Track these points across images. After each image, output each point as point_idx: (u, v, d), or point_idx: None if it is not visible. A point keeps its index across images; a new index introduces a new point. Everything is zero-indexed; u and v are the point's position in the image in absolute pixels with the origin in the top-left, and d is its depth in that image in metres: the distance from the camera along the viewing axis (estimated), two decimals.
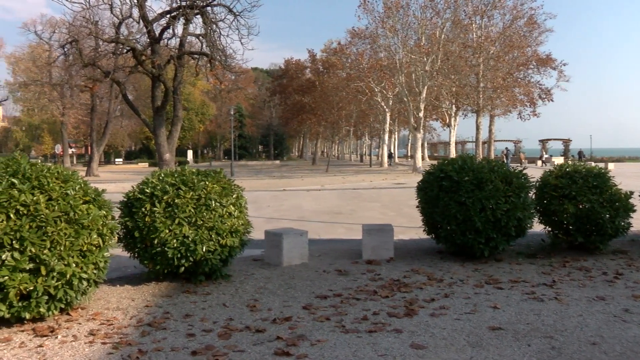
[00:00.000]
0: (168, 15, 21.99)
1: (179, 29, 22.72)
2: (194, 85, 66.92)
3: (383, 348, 3.97)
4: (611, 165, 38.55)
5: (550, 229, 8.00)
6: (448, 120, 44.74)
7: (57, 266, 4.35)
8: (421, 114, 38.63)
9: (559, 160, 45.11)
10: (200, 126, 70.36)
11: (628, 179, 24.43)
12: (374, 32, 40.39)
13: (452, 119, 44.36)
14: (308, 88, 55.13)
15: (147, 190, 5.78)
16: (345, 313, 4.86)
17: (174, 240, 5.56)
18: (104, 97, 43.55)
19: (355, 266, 7.00)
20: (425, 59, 36.47)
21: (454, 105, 43.36)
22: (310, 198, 18.92)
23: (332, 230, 11.09)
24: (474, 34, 39.57)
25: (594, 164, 8.32)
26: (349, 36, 46.46)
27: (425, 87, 37.55)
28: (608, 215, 7.36)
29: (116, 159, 71.45)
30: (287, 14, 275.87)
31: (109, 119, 43.28)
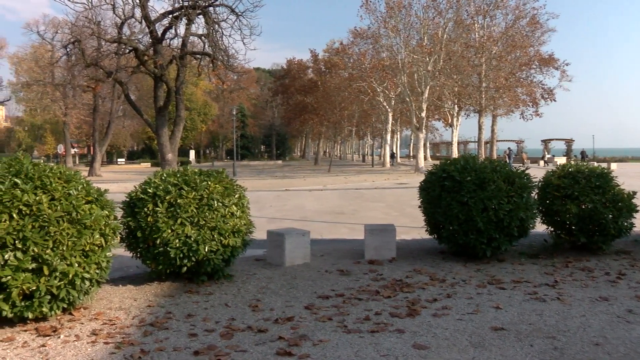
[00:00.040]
0: (170, 16, 22.02)
1: (181, 29, 22.75)
2: (197, 86, 67.00)
3: (385, 348, 3.96)
4: (614, 165, 38.47)
5: (552, 229, 7.98)
6: (450, 120, 44.73)
7: (60, 266, 4.36)
8: (423, 114, 38.60)
9: (562, 161, 45.05)
10: (203, 126, 70.42)
11: (631, 179, 24.37)
12: (376, 32, 40.45)
13: (455, 119, 44.34)
14: (310, 88, 55.15)
15: (150, 190, 5.79)
16: (347, 313, 4.86)
17: (177, 240, 5.56)
18: (106, 97, 43.59)
19: (357, 266, 6.99)
20: (428, 58, 36.45)
21: (456, 105, 43.35)
22: (312, 198, 18.92)
23: (334, 230, 11.09)
24: (476, 34, 39.51)
25: (597, 164, 8.31)
26: (351, 36, 46.58)
27: (428, 87, 37.53)
28: (611, 216, 7.34)
29: (118, 159, 71.56)
30: (289, 14, 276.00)
31: (111, 119, 43.34)
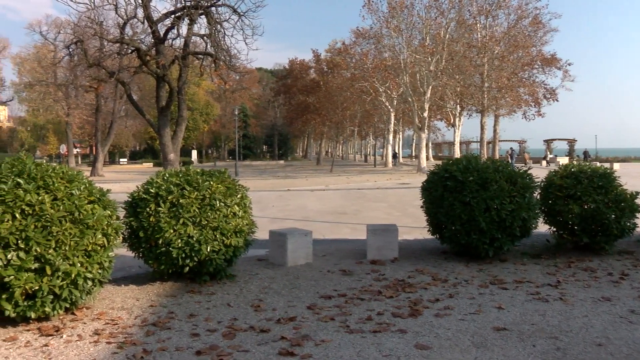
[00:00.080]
0: (172, 16, 22.07)
1: (184, 29, 22.82)
2: (199, 86, 67.04)
3: (387, 348, 3.96)
4: (616, 165, 38.41)
5: (555, 229, 7.96)
6: (452, 120, 44.60)
7: (62, 266, 4.36)
8: (425, 114, 38.57)
9: (564, 161, 44.98)
10: (205, 126, 70.48)
11: (634, 179, 24.32)
12: (378, 32, 40.43)
13: (457, 119, 44.21)
14: (312, 88, 55.18)
15: (152, 190, 5.79)
16: (349, 313, 4.86)
17: (179, 240, 5.56)
18: (108, 97, 43.69)
19: (359, 266, 6.99)
20: (430, 58, 36.42)
21: (458, 105, 43.23)
22: (314, 198, 18.92)
23: (336, 231, 11.08)
24: (479, 34, 39.51)
25: (599, 164, 8.29)
26: (353, 36, 46.59)
27: (430, 87, 37.50)
28: (614, 216, 7.31)
29: (121, 159, 71.64)
30: (291, 14, 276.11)
31: (113, 119, 43.42)
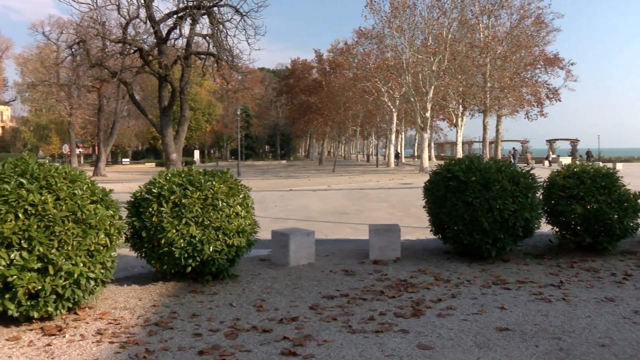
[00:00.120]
0: (175, 16, 22.07)
1: (186, 29, 22.81)
2: (201, 86, 67.07)
3: (390, 348, 3.96)
4: (619, 165, 38.30)
5: (557, 229, 7.95)
6: (455, 120, 44.54)
7: (65, 266, 4.37)
8: (428, 114, 38.54)
9: (567, 161, 44.89)
10: (207, 126, 70.51)
11: (637, 179, 24.23)
12: (381, 32, 40.40)
13: (459, 119, 44.15)
14: (315, 88, 55.17)
15: (155, 190, 5.80)
16: (352, 313, 4.85)
17: (181, 240, 5.57)
18: (111, 97, 43.75)
19: (362, 266, 6.99)
20: (432, 58, 36.38)
21: (460, 105, 43.18)
22: (316, 198, 18.92)
23: (339, 231, 11.08)
24: (481, 34, 39.46)
25: (602, 164, 8.27)
26: (355, 36, 46.65)
27: (432, 87, 37.47)
28: (616, 216, 7.30)
29: (123, 159, 71.68)
30: (294, 14, 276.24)
31: (116, 119, 43.48)
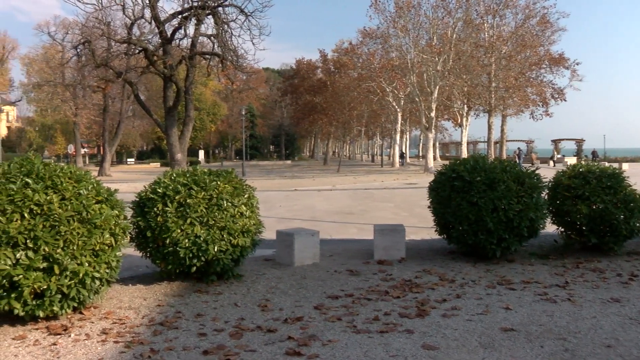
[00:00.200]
0: (180, 16, 22.15)
1: (191, 30, 22.90)
2: (206, 86, 67.20)
3: (394, 349, 3.95)
4: (625, 165, 38.12)
5: (563, 229, 7.92)
6: (460, 120, 44.51)
7: (70, 265, 4.38)
8: (433, 114, 38.50)
9: (572, 161, 44.73)
10: (212, 126, 70.60)
11: None
12: (385, 32, 40.40)
13: (464, 119, 44.12)
14: (319, 88, 55.21)
15: (159, 190, 5.81)
16: (356, 313, 4.85)
17: (186, 240, 5.58)
18: (116, 97, 43.85)
19: (366, 266, 6.98)
20: (437, 58, 36.34)
21: (465, 105, 43.15)
22: (321, 198, 18.92)
23: (343, 231, 11.08)
24: (486, 34, 39.35)
25: (608, 164, 8.23)
26: (360, 36, 46.56)
27: (437, 87, 37.43)
28: (622, 216, 7.26)
29: (128, 159, 71.86)
30: (298, 14, 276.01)
31: (121, 119, 43.59)
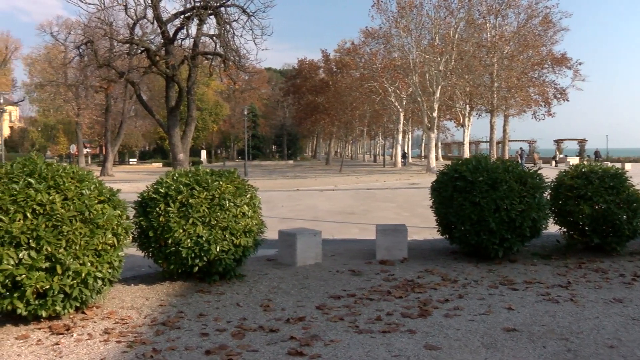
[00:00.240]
0: (182, 16, 22.17)
1: (193, 30, 22.93)
2: (208, 86, 67.25)
3: (397, 349, 3.95)
4: (628, 165, 38.07)
5: (565, 229, 7.91)
6: (462, 120, 44.41)
7: (73, 265, 4.39)
8: (435, 114, 38.46)
9: (575, 161, 44.65)
10: (214, 126, 70.66)
11: None
12: (388, 32, 40.35)
13: (466, 119, 44.03)
14: (321, 88, 55.20)
15: (162, 190, 5.81)
16: (358, 313, 4.85)
17: (188, 240, 5.58)
18: (118, 97, 43.93)
19: (369, 266, 6.98)
20: (439, 58, 36.30)
21: (467, 105, 43.06)
22: (323, 198, 18.92)
23: (345, 231, 11.08)
24: (488, 34, 39.30)
25: (610, 164, 8.21)
26: (362, 36, 46.53)
27: (439, 87, 37.39)
28: (625, 217, 7.25)
29: (130, 159, 71.94)
30: (300, 14, 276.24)
31: (123, 119, 43.66)
